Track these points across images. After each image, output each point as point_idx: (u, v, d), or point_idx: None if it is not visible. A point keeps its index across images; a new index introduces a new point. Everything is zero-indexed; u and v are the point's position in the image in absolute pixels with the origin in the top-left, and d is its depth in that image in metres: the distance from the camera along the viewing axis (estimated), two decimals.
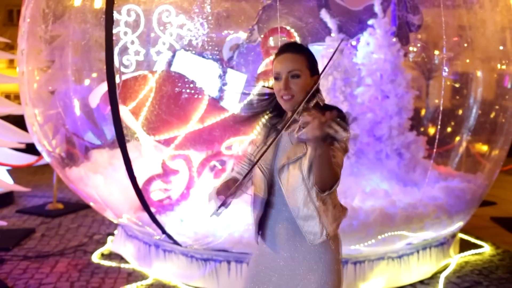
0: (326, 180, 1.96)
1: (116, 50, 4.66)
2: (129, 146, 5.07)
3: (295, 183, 2.10)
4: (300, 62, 2.12)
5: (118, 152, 4.17)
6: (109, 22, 3.51)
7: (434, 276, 4.60)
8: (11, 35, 7.10)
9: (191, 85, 4.58)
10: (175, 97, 4.58)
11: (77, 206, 6.92)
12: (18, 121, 6.36)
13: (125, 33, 4.73)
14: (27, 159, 6.94)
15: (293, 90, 2.09)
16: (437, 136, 4.60)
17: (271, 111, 2.26)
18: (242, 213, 3.84)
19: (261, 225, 2.27)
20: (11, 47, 11.85)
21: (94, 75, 5.11)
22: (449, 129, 5.43)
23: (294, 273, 2.19)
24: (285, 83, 2.09)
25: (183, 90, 4.56)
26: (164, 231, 4.29)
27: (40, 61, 5.26)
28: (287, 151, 2.15)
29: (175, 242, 4.36)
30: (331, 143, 2.02)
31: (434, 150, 4.66)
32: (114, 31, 4.51)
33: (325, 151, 1.89)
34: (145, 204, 4.16)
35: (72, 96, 4.82)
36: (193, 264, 4.36)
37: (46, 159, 5.45)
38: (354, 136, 4.93)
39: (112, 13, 3.54)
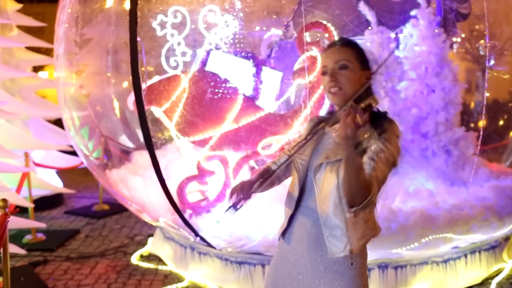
0: (354, 194, 1.79)
1: (163, 52, 4.67)
2: (169, 148, 5.09)
3: (329, 188, 1.94)
4: (347, 53, 1.97)
5: (158, 153, 4.15)
6: (133, 23, 3.46)
7: (485, 282, 4.29)
8: None
9: (225, 84, 4.50)
10: (209, 97, 4.51)
11: (121, 207, 6.95)
12: None
13: (172, 35, 4.71)
14: (73, 161, 7.09)
15: (341, 82, 1.93)
16: (481, 132, 4.28)
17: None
18: (276, 216, 3.72)
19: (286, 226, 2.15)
20: None
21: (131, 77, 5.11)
22: (501, 123, 5.07)
23: (314, 283, 2.04)
24: (332, 73, 1.93)
25: (217, 90, 4.49)
26: (197, 234, 4.22)
27: (75, 65, 5.33)
28: (327, 150, 2.00)
29: (209, 245, 4.28)
30: (364, 151, 1.85)
31: (479, 146, 4.35)
32: (161, 33, 4.55)
33: (354, 159, 1.72)
34: (175, 206, 4.10)
35: (107, 99, 4.84)
36: (227, 267, 4.27)
37: (83, 161, 5.51)
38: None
39: (136, 13, 3.50)
